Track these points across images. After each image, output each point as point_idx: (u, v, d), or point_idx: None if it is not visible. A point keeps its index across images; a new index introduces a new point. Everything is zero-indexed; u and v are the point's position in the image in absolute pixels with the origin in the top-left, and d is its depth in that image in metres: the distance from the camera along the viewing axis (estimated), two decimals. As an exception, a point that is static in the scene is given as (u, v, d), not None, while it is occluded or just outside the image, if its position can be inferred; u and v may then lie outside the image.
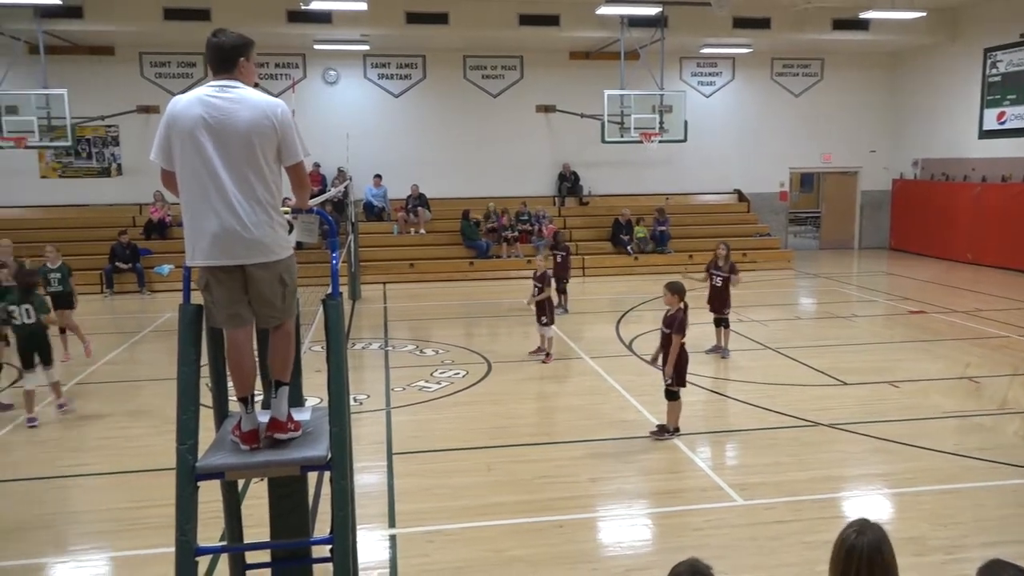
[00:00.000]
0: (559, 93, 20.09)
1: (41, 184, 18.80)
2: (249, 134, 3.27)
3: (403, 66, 19.95)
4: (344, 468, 3.39)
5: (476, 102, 20.18)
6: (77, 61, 17.95)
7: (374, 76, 19.88)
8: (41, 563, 5.28)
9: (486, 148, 20.21)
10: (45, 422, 8.11)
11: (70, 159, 18.86)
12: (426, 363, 10.34)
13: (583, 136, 19.68)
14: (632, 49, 17.83)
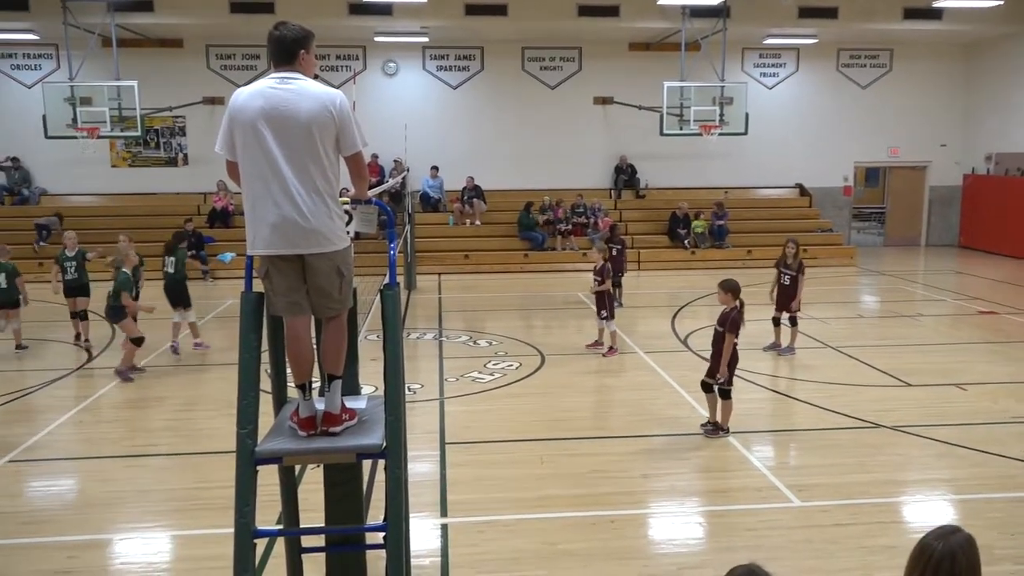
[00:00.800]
0: (617, 85, 19.90)
1: (112, 173, 19.45)
2: (309, 125, 3.32)
3: (461, 58, 20.02)
4: (399, 457, 3.43)
5: (533, 94, 20.13)
6: (147, 54, 18.48)
7: (432, 68, 19.99)
8: (109, 538, 5.48)
9: (542, 140, 20.15)
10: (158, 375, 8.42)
11: (139, 149, 19.46)
12: (480, 354, 10.39)
13: (641, 128, 19.46)
14: (693, 40, 17.54)
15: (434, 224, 19.00)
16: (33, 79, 18.74)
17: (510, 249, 18.56)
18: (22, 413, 8.18)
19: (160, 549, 5.40)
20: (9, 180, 18.98)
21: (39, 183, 19.26)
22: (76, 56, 15.97)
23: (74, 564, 5.06)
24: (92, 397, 8.63)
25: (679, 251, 18.72)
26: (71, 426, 7.73)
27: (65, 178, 19.10)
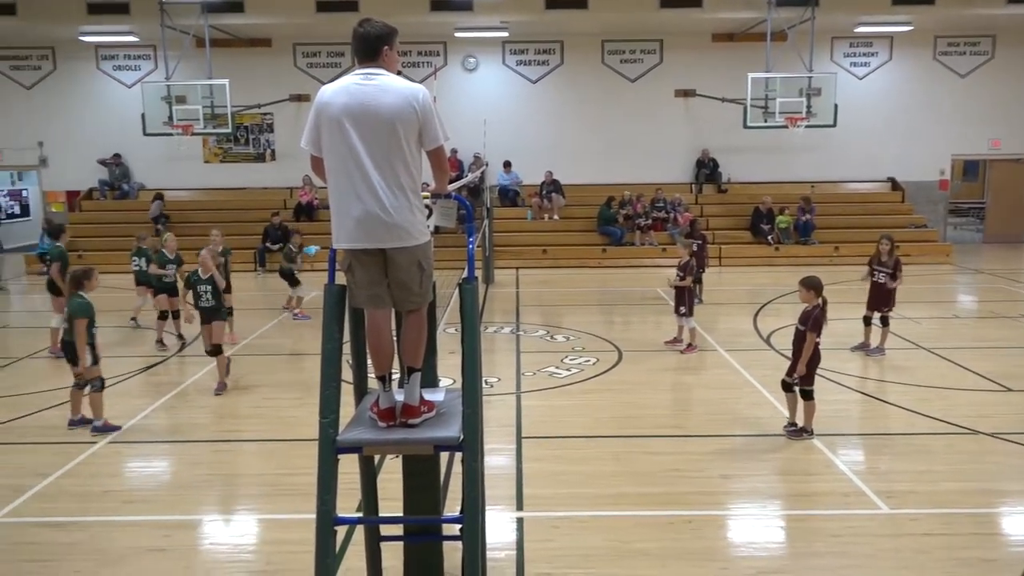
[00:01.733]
0: (699, 77, 19.52)
1: (204, 169, 20.25)
2: (392, 120, 3.36)
3: (541, 52, 20.00)
4: (475, 450, 3.45)
5: (613, 87, 19.95)
6: (237, 53, 19.14)
7: (512, 62, 20.04)
8: (199, 519, 5.72)
9: (622, 134, 19.95)
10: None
11: (230, 145, 20.19)
12: (557, 349, 10.37)
13: (723, 121, 19.04)
14: (779, 30, 17.04)
15: (512, 218, 19.07)
16: (133, 79, 19.68)
17: (588, 244, 18.46)
18: (121, 397, 8.60)
19: (246, 531, 5.60)
20: (111, 176, 19.99)
21: (137, 178, 20.23)
22: (172, 56, 16.69)
23: (168, 542, 5.29)
24: (183, 384, 9.01)
25: (762, 247, 18.26)
26: (164, 411, 8.09)
27: (161, 173, 20.00)
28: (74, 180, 20.15)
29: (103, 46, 19.58)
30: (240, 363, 9.89)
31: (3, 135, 20.05)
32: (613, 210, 18.55)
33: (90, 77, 19.98)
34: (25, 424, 7.57)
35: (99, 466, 6.64)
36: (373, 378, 3.71)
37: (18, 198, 23.30)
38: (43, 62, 19.93)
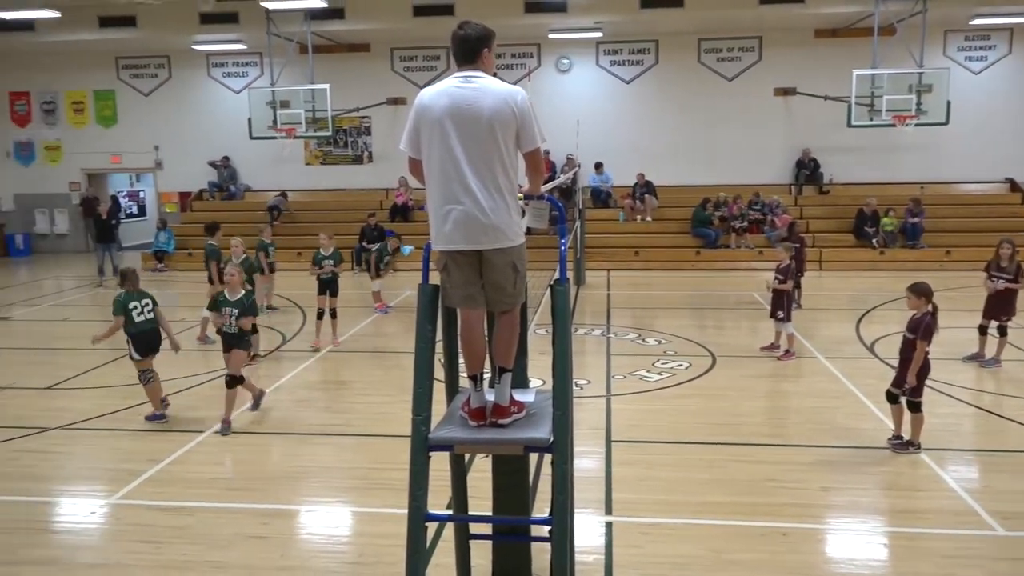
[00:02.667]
0: (800, 74, 18.88)
1: (305, 170, 20.98)
2: (491, 122, 3.39)
3: (635, 52, 19.79)
4: (565, 452, 3.44)
5: (709, 86, 19.54)
6: (337, 58, 19.74)
7: (606, 63, 19.91)
8: (296, 509, 5.92)
9: (718, 134, 19.52)
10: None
11: (330, 148, 20.85)
12: (648, 352, 10.23)
13: (826, 120, 18.38)
14: (887, 24, 16.30)
15: (604, 220, 18.95)
16: (240, 85, 20.59)
17: (682, 246, 18.15)
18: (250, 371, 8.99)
19: (339, 523, 5.75)
20: (219, 178, 20.97)
21: (243, 180, 21.14)
22: (277, 63, 17.37)
23: (267, 530, 5.50)
24: (285, 377, 9.35)
25: (866, 251, 17.51)
26: (266, 403, 8.40)
27: (266, 175, 20.84)
28: (186, 182, 21.25)
29: (214, 54, 20.57)
30: (337, 360, 10.19)
31: (123, 139, 21.35)
32: (708, 212, 18.17)
33: (202, 84, 21.02)
34: (140, 411, 8.02)
35: (206, 454, 6.97)
36: (465, 377, 3.75)
37: (136, 199, 24.78)
38: (160, 70, 21.10)
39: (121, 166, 22.06)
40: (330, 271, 10.57)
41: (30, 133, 21.72)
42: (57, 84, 21.38)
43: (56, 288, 16.71)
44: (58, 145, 21.71)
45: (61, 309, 14.19)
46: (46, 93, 21.50)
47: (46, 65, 20.97)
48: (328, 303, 10.61)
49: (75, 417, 7.92)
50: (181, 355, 8.29)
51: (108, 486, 6.28)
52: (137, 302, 7.65)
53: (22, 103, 21.64)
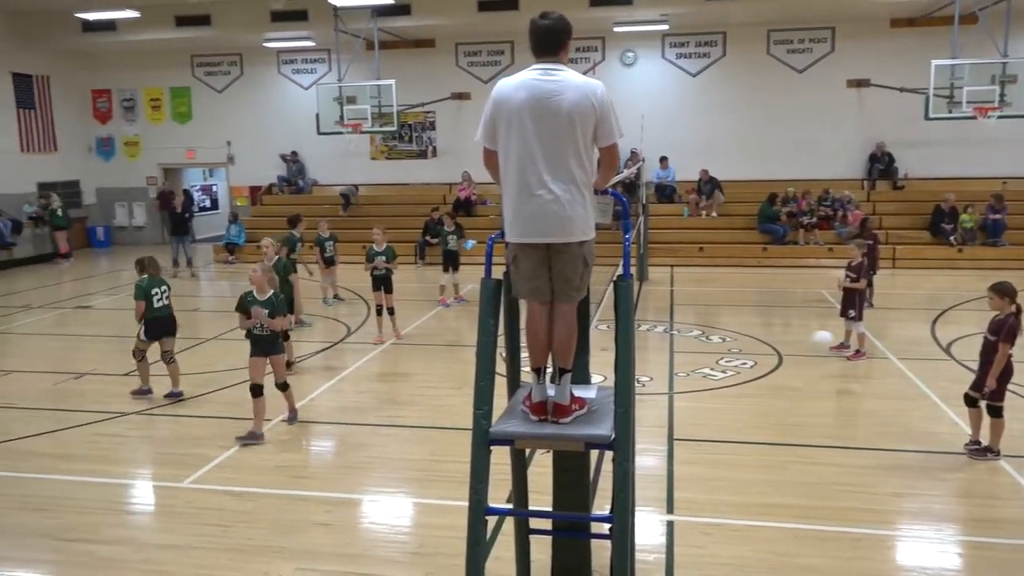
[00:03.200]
0: (874, 65, 18.25)
1: (371, 165, 21.29)
2: (571, 115, 3.35)
3: (702, 44, 19.45)
4: (627, 449, 3.41)
5: (779, 79, 19.07)
6: (403, 54, 19.95)
7: (672, 56, 19.63)
8: (359, 498, 6.02)
9: (787, 128, 19.03)
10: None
11: (395, 143, 21.11)
12: (712, 350, 10.07)
13: (901, 112, 17.73)
14: (969, 12, 15.62)
15: (668, 215, 18.71)
16: (309, 81, 21.00)
17: (748, 242, 17.79)
18: (293, 379, 9.20)
19: (401, 513, 5.83)
20: (288, 172, 21.45)
21: (311, 175, 21.58)
22: (344, 59, 17.65)
23: (331, 518, 5.62)
24: (349, 369, 9.51)
25: (943, 248, 16.85)
26: (331, 393, 8.58)
27: (332, 170, 21.22)
28: (256, 176, 21.79)
29: (284, 51, 21.02)
30: (399, 352, 10.32)
31: (198, 135, 22.02)
32: (775, 207, 17.76)
33: (272, 80, 21.52)
34: (212, 399, 8.27)
35: (273, 442, 7.14)
36: (527, 371, 3.74)
37: (209, 192, 25.55)
38: (232, 67, 21.68)
39: (195, 161, 22.77)
40: (383, 268, 10.70)
41: (111, 129, 22.61)
42: (136, 82, 22.18)
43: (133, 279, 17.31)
44: (137, 141, 22.54)
45: (138, 299, 14.73)
46: (126, 91, 22.33)
47: (126, 64, 21.78)
48: (384, 299, 10.71)
49: (150, 403, 8.22)
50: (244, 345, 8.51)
51: (180, 470, 6.50)
52: (158, 288, 8.18)
53: (104, 100, 22.53)
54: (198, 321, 13.05)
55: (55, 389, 8.85)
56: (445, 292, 13.07)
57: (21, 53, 19.84)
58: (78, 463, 6.70)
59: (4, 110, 19.67)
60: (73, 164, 21.94)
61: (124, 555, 5.14)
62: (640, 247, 15.25)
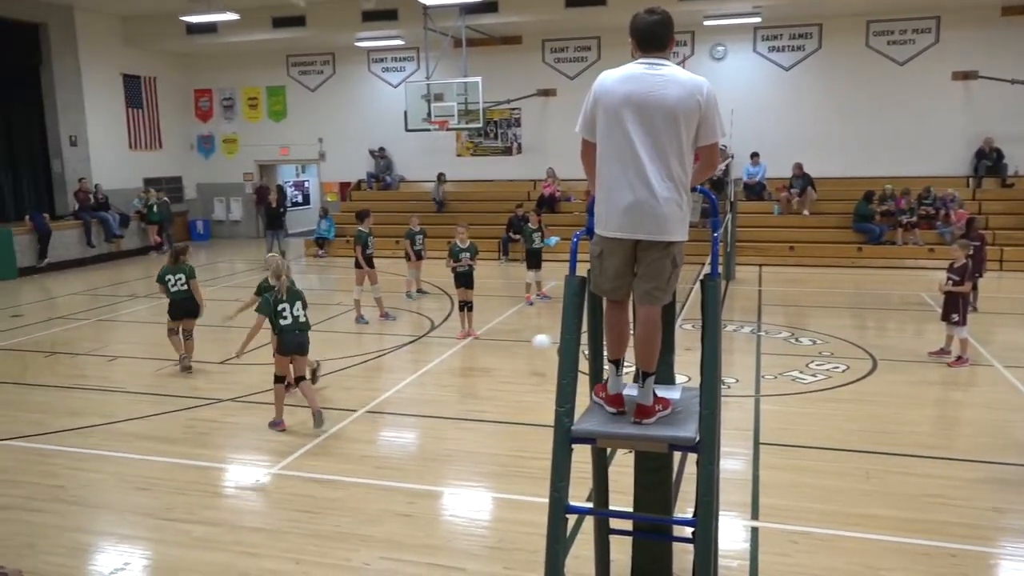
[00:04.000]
0: (983, 57, 17.31)
1: (456, 161, 21.53)
2: (675, 112, 3.31)
3: (796, 37, 18.85)
4: (712, 452, 3.34)
5: (878, 71, 18.29)
6: (490, 52, 20.08)
7: (764, 49, 19.10)
8: (440, 491, 6.11)
9: (885, 122, 18.26)
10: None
11: (480, 139, 21.28)
12: (801, 352, 9.76)
13: (1012, 106, 16.82)
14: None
15: (757, 213, 18.23)
16: (398, 79, 21.40)
17: (841, 241, 17.16)
18: (377, 371, 9.44)
19: (481, 508, 5.88)
20: (376, 168, 21.93)
21: (398, 171, 21.99)
22: (432, 57, 17.90)
23: (413, 509, 5.72)
24: (432, 363, 9.66)
25: (1056, 250, 15.85)
26: (414, 387, 8.73)
27: (419, 166, 21.58)
28: (346, 172, 22.38)
29: (374, 50, 21.49)
30: (482, 347, 10.41)
31: (291, 132, 22.77)
32: (872, 206, 17.06)
33: (362, 79, 22.03)
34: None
35: (359, 433, 7.33)
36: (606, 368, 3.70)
37: (301, 188, 26.38)
38: (325, 67, 22.30)
39: (289, 158, 23.54)
40: (467, 264, 10.77)
41: (211, 127, 23.61)
42: (235, 81, 23.09)
43: (229, 271, 18.09)
44: (235, 138, 23.46)
45: (233, 290, 15.33)
46: (225, 90, 23.28)
47: (226, 64, 22.71)
48: (466, 295, 10.84)
49: (243, 390, 8.56)
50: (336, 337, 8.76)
51: (271, 456, 6.74)
52: (172, 275, 9.27)
53: (205, 100, 23.54)
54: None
55: (157, 375, 9.31)
56: (530, 289, 13.10)
57: (131, 56, 20.96)
58: (177, 446, 7.03)
59: (115, 109, 20.82)
60: (176, 161, 23.03)
61: (217, 536, 5.36)
62: (727, 245, 14.91)
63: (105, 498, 6.06)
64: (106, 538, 5.46)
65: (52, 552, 5.18)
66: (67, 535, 5.42)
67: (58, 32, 18.92)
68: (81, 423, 7.65)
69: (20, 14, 17.77)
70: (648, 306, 3.52)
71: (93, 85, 19.94)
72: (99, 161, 20.14)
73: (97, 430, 7.46)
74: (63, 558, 5.12)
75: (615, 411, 3.57)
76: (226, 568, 4.94)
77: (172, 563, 5.03)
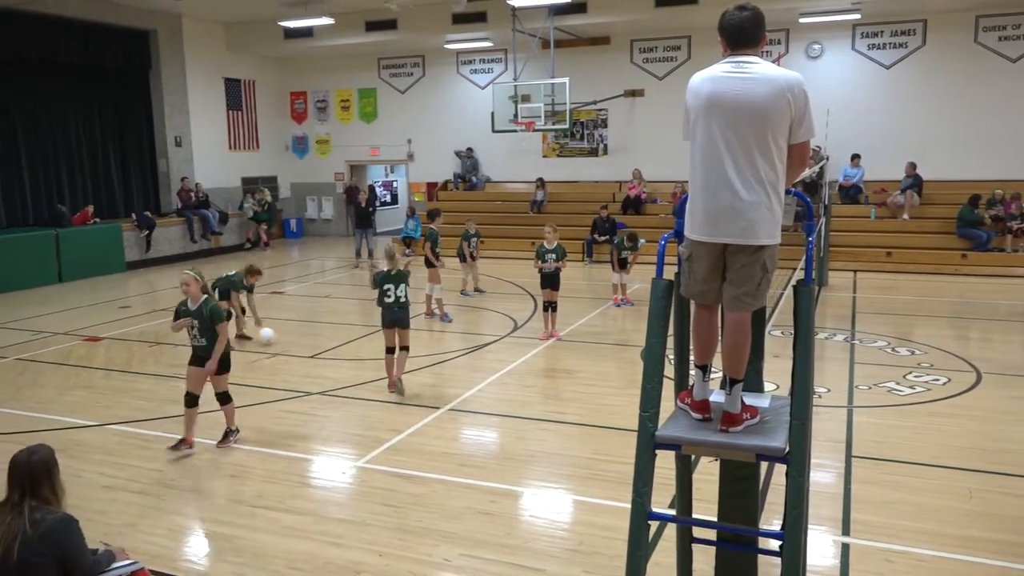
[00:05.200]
0: (1109, 52, 16.17)
1: (542, 163, 21.55)
2: (765, 110, 3.21)
3: (898, 33, 18.05)
4: (802, 464, 3.22)
5: (988, 69, 17.32)
6: (577, 52, 20.01)
7: (863, 47, 18.37)
8: (521, 491, 6.12)
9: (995, 123, 17.27)
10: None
11: (566, 140, 21.24)
12: (899, 363, 9.34)
13: None
14: None
15: (853, 217, 17.56)
16: (485, 81, 21.59)
17: (943, 248, 16.35)
18: (460, 369, 9.53)
19: (561, 509, 5.86)
20: (463, 168, 22.18)
21: (484, 172, 22.18)
22: (520, 58, 17.98)
23: (494, 507, 5.75)
24: (514, 363, 9.69)
25: None
26: (496, 386, 8.78)
27: (504, 167, 21.72)
28: (433, 173, 22.72)
29: (463, 52, 21.74)
30: (565, 349, 10.38)
31: (381, 134, 23.28)
32: (978, 211, 16.17)
33: (451, 80, 22.32)
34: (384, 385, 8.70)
35: (441, 430, 7.43)
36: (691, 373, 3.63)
37: (389, 188, 26.95)
38: (415, 69, 22.71)
39: (378, 158, 24.08)
40: (553, 266, 10.79)
41: (305, 129, 24.38)
42: (328, 84, 23.77)
43: (320, 268, 18.64)
44: (327, 139, 24.16)
45: (323, 287, 15.81)
46: (319, 92, 23.99)
47: (320, 67, 23.41)
48: (551, 296, 10.84)
49: (332, 385, 8.80)
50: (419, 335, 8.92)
51: (356, 450, 6.90)
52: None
53: (300, 102, 24.32)
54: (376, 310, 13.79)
55: (251, 366, 9.67)
56: (617, 291, 12.99)
57: (232, 60, 21.87)
58: (269, 436, 7.28)
59: (217, 112, 21.76)
60: (272, 161, 23.88)
61: (305, 525, 5.52)
62: (820, 250, 14.41)
63: (201, 483, 6.33)
64: (201, 522, 5.70)
65: (151, 532, 5.45)
66: (165, 517, 5.69)
67: (167, 38, 19.91)
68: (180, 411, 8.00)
69: (133, 21, 18.78)
70: (737, 311, 3.43)
71: (197, 88, 20.89)
72: (201, 161, 21.10)
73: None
74: (161, 539, 5.37)
75: (701, 417, 3.50)
76: (312, 556, 5.08)
77: (261, 549, 5.21)
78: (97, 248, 17.44)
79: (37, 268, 16.02)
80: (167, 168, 20.47)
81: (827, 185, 15.21)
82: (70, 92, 18.50)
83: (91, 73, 18.82)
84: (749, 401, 3.50)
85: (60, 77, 18.16)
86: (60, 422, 7.69)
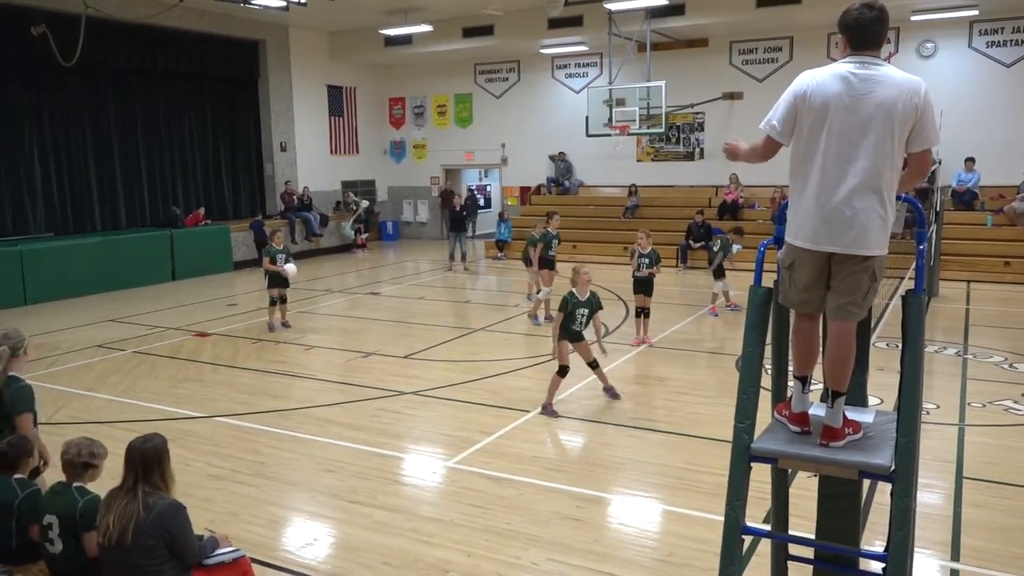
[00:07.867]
0: None
1: (636, 167, 21.33)
2: (890, 115, 3.08)
3: (1020, 30, 16.99)
4: (908, 484, 3.07)
5: (1123, 66, 16.10)
6: (674, 55, 19.73)
7: (980, 45, 17.37)
8: (609, 498, 6.06)
9: None
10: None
11: (661, 144, 20.96)
12: (1017, 380, 8.77)
13: None
14: None
15: (967, 224, 16.61)
16: (580, 85, 21.55)
17: (1069, 258, 15.26)
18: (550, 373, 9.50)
19: (650, 519, 5.77)
20: (556, 172, 22.20)
21: (577, 175, 22.13)
22: (615, 62, 17.85)
23: (581, 513, 5.72)
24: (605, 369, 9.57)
25: None
26: (586, 391, 8.72)
27: (598, 171, 21.60)
28: (526, 177, 22.83)
29: (558, 56, 21.77)
30: (658, 355, 10.23)
31: (477, 138, 23.57)
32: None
33: (546, 85, 22.38)
34: (476, 387, 8.80)
35: (531, 433, 7.45)
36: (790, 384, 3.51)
37: (483, 192, 27.25)
38: (510, 74, 22.90)
39: (473, 162, 24.39)
40: (647, 273, 10.65)
41: (403, 133, 24.95)
42: (426, 90, 24.25)
43: (415, 270, 19.02)
44: (424, 144, 24.65)
45: (418, 288, 16.11)
46: (417, 98, 24.51)
47: (418, 73, 23.91)
48: (644, 302, 10.71)
49: (425, 385, 8.95)
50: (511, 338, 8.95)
51: (447, 450, 7.00)
52: (280, 254, 11.75)
53: (398, 107, 24.92)
54: (469, 312, 13.96)
55: (347, 365, 9.96)
56: (716, 300, 12.70)
57: (335, 67, 22.62)
58: (363, 433, 7.48)
59: (319, 117, 22.55)
60: (370, 165, 24.55)
61: (396, 522, 5.64)
62: (931, 259, 13.69)
63: (298, 476, 6.56)
64: (298, 513, 5.90)
65: (252, 522, 5.68)
66: (265, 508, 5.92)
67: (274, 48, 20.77)
68: (280, 405, 8.34)
69: (243, 32, 19.69)
70: (841, 321, 3.29)
71: (301, 95, 21.71)
72: (304, 165, 21.91)
73: (294, 413, 8.09)
74: (261, 528, 5.59)
75: (799, 431, 3.38)
76: (402, 553, 5.18)
77: (354, 543, 5.35)
78: (207, 248, 18.36)
79: (153, 266, 16.99)
80: (272, 172, 21.35)
81: (939, 190, 14.48)
82: (185, 101, 19.56)
83: (204, 82, 19.87)
84: (852, 416, 3.36)
85: (177, 86, 19.24)
86: (171, 413, 8.12)
